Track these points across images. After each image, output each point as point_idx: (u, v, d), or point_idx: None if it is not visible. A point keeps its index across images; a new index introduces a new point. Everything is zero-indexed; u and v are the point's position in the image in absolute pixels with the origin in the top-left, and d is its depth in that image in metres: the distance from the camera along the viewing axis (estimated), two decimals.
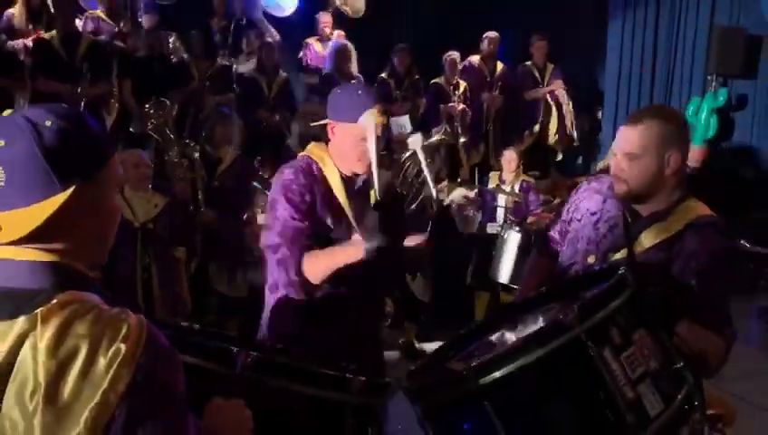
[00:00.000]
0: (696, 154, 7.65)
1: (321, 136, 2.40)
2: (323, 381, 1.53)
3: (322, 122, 2.32)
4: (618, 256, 1.96)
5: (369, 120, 2.18)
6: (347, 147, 2.24)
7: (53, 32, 5.39)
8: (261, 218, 4.13)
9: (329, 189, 2.27)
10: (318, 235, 2.23)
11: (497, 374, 1.42)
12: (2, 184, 1.05)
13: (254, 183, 4.56)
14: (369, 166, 2.22)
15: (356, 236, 2.18)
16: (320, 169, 2.29)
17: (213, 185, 4.71)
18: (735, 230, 5.34)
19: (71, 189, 1.08)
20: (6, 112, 1.11)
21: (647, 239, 1.93)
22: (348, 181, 2.30)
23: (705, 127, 7.69)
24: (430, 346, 4.69)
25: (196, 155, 4.72)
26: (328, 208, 2.25)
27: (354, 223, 2.26)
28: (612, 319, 1.50)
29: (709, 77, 7.77)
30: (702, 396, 1.72)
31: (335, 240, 2.24)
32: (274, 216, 2.22)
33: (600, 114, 8.66)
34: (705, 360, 1.79)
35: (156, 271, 3.75)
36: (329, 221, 2.26)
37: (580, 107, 8.07)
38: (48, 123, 1.07)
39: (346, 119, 2.21)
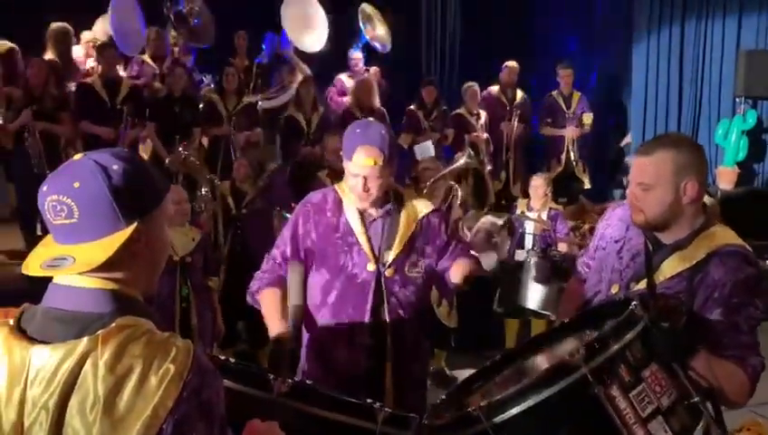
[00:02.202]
0: (727, 176, 7.62)
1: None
2: (352, 409, 1.66)
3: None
4: (640, 285, 1.93)
5: (358, 161, 2.27)
6: (348, 184, 2.37)
7: (96, 76, 5.73)
8: None
9: (343, 218, 2.39)
10: (317, 257, 2.38)
11: (507, 414, 1.46)
12: (75, 220, 1.19)
13: (284, 213, 4.69)
14: (373, 202, 2.34)
15: (278, 327, 2.26)
16: (339, 200, 2.41)
17: (241, 215, 4.87)
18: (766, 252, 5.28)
19: (133, 226, 1.21)
20: (77, 157, 1.24)
21: (668, 268, 1.90)
22: (363, 213, 2.40)
23: (736, 149, 7.66)
24: (462, 373, 4.71)
25: (220, 184, 4.92)
26: (335, 236, 2.37)
27: (366, 248, 2.35)
28: (621, 356, 1.49)
29: (737, 99, 7.75)
30: (723, 429, 1.71)
31: (337, 260, 2.35)
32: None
33: (628, 140, 8.66)
34: (724, 393, 1.76)
35: (194, 302, 3.90)
36: (331, 248, 2.36)
37: (608, 133, 8.10)
38: (115, 167, 1.20)
39: (345, 155, 2.33)
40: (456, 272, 2.41)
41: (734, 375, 1.79)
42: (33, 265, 1.20)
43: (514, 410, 1.46)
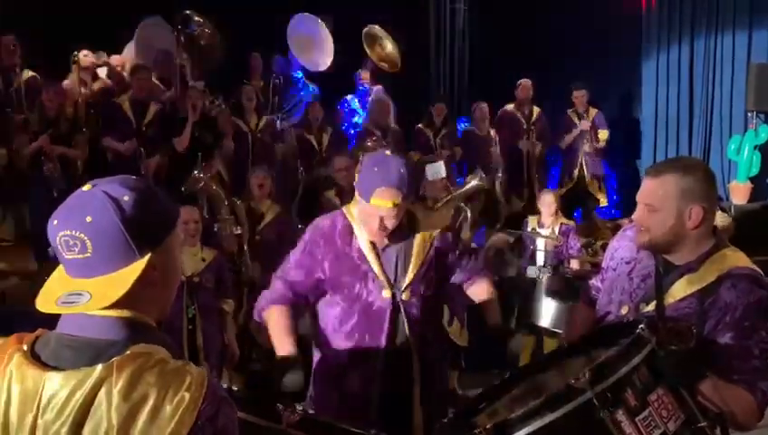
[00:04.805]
0: (740, 192, 7.56)
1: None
2: None
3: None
4: (650, 307, 1.93)
5: (376, 203, 2.21)
6: (362, 219, 2.32)
7: (125, 97, 5.82)
8: None
9: (355, 245, 2.35)
10: (331, 286, 2.35)
11: None
12: (89, 255, 1.18)
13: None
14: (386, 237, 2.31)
15: (288, 349, 2.22)
16: (348, 226, 2.37)
17: (255, 239, 4.85)
18: None
19: (147, 256, 1.20)
20: (86, 187, 1.22)
21: (678, 290, 1.89)
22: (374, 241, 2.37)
23: (748, 164, 7.60)
24: (474, 393, 4.66)
25: (243, 210, 4.90)
26: (347, 260, 2.34)
27: (380, 275, 2.32)
28: (627, 380, 1.49)
29: (749, 114, 7.70)
30: None
31: (352, 289, 2.33)
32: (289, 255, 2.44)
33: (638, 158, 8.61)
34: (734, 416, 1.74)
35: (200, 323, 3.88)
36: (344, 277, 2.33)
37: (619, 151, 8.06)
38: (126, 198, 1.19)
39: (361, 194, 2.26)
40: (478, 295, 2.44)
41: (743, 400, 1.77)
42: (47, 302, 1.19)
43: (519, 433, 1.45)
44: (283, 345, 2.24)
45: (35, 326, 1.27)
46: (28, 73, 6.11)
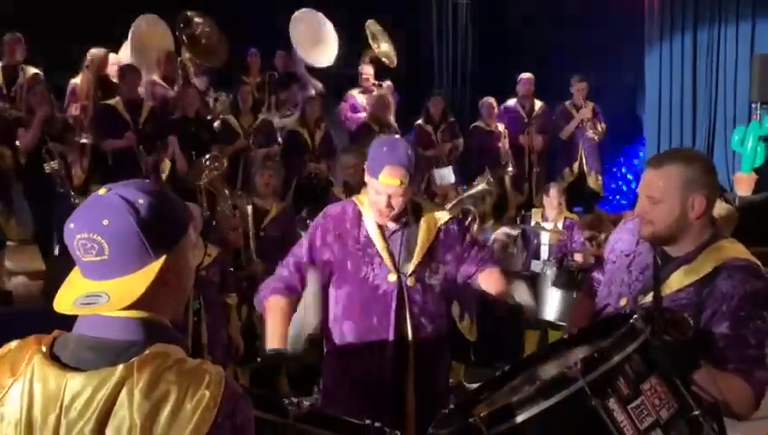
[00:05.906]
0: (744, 183, 7.54)
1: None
2: (363, 432, 1.71)
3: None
4: (648, 298, 1.94)
5: (384, 181, 2.28)
6: (371, 199, 2.38)
7: (117, 98, 5.81)
8: None
9: (363, 230, 2.41)
10: (338, 269, 2.40)
11: (506, 425, 1.47)
12: (106, 257, 1.20)
13: (301, 232, 4.67)
14: (392, 218, 2.36)
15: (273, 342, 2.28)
16: (358, 212, 2.43)
17: (259, 235, 4.86)
18: None
19: (162, 258, 1.23)
20: (101, 191, 1.24)
21: (675, 282, 1.90)
22: (382, 225, 2.42)
23: (753, 155, 7.58)
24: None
25: (249, 207, 4.90)
26: (355, 243, 2.39)
27: (386, 259, 2.37)
28: (620, 369, 1.51)
29: (753, 105, 7.68)
30: None
31: (358, 273, 2.37)
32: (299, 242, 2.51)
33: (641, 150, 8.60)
34: (729, 406, 1.74)
35: (206, 317, 3.90)
36: (351, 260, 2.38)
37: (622, 143, 8.05)
38: (141, 201, 1.22)
39: (371, 172, 2.34)
40: (489, 284, 2.45)
41: (739, 389, 1.77)
42: (65, 303, 1.22)
43: (513, 421, 1.47)
44: (273, 340, 2.29)
45: (42, 326, 1.30)
46: (31, 71, 6.12)
